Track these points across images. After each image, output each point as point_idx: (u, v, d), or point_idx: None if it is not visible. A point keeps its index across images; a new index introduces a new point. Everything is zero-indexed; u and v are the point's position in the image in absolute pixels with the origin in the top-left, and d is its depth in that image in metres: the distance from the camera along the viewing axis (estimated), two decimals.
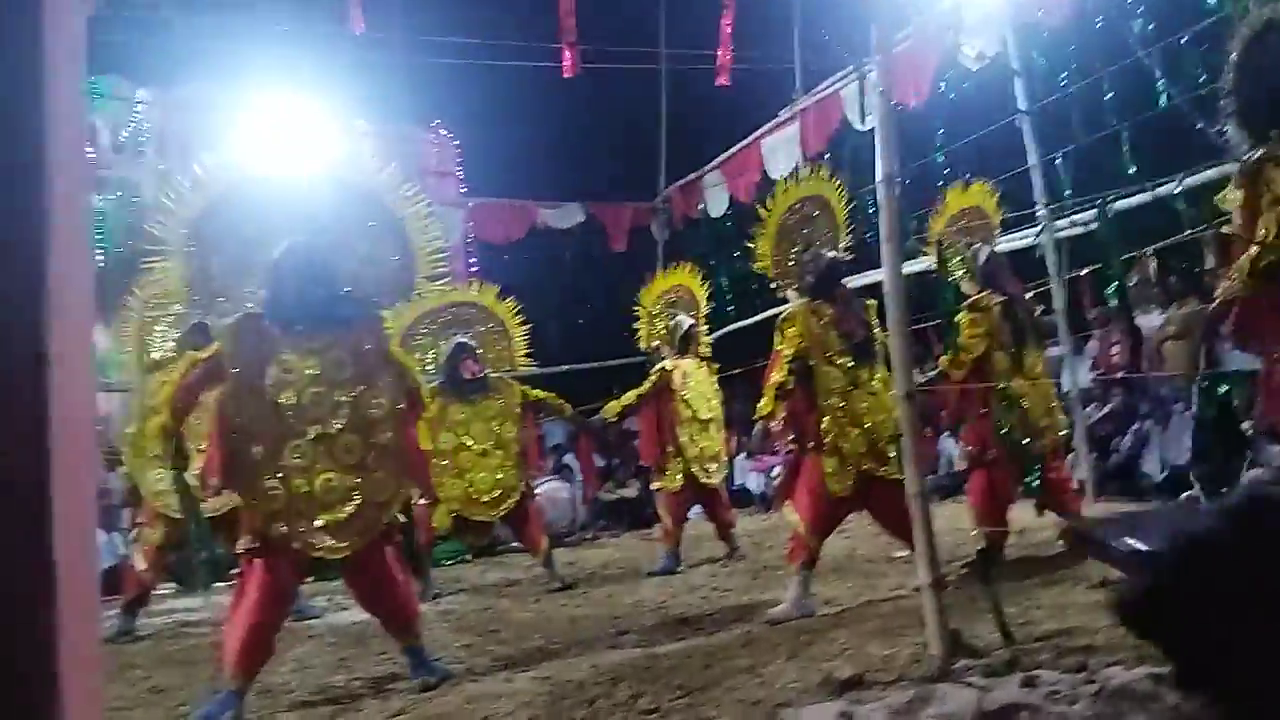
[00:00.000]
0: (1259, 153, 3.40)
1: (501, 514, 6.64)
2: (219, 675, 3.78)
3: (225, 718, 3.53)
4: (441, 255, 4.31)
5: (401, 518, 4.04)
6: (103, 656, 1.17)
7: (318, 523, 3.75)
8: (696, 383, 7.13)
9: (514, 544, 8.44)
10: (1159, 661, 2.82)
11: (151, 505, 5.83)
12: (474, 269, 12.96)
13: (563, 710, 3.24)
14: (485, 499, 6.55)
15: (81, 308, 1.04)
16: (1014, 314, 5.30)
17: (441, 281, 4.35)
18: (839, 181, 5.27)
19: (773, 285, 5.17)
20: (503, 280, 7.54)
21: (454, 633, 5.07)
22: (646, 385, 7.13)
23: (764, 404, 4.79)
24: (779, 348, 4.83)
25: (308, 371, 3.81)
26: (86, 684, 1.01)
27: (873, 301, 5.01)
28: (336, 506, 3.78)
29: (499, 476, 6.56)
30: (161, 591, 6.69)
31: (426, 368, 6.58)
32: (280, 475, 3.74)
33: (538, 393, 6.97)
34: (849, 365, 4.77)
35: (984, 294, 5.31)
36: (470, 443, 6.56)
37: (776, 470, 10.16)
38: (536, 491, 10.08)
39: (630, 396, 7.17)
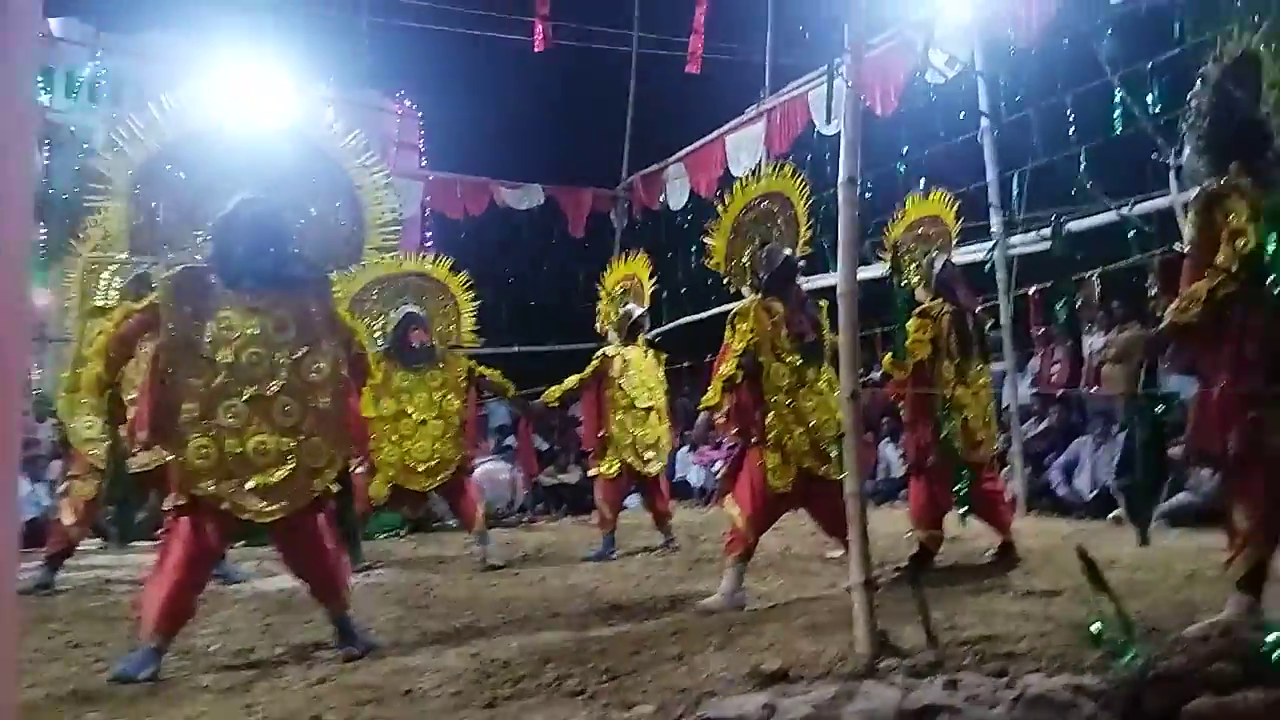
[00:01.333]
0: (1219, 182, 3.47)
1: (437, 485, 6.60)
2: (138, 632, 3.70)
3: (143, 675, 3.45)
4: (394, 227, 4.24)
5: (337, 486, 3.96)
6: (19, 607, 1.13)
7: (249, 485, 3.67)
8: (638, 371, 7.14)
9: (450, 521, 8.40)
10: (1077, 671, 2.89)
11: (83, 457, 5.69)
12: (429, 243, 12.85)
13: (489, 688, 3.22)
14: (422, 468, 6.52)
15: (17, 259, 1.00)
16: (962, 324, 5.37)
17: (391, 255, 4.26)
18: (802, 179, 5.28)
19: (725, 281, 5.19)
20: (458, 257, 7.49)
21: (383, 605, 5.02)
22: (587, 371, 7.14)
23: (710, 395, 4.80)
24: (729, 341, 4.84)
25: (249, 330, 3.72)
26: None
27: (824, 303, 5.05)
28: (269, 469, 3.70)
29: (437, 447, 6.53)
30: (84, 547, 6.54)
31: (374, 334, 6.52)
32: (212, 434, 3.65)
33: (483, 369, 6.95)
34: (797, 363, 4.80)
35: (935, 302, 5.37)
36: (411, 410, 6.53)
37: (718, 465, 10.25)
38: (476, 470, 10.08)
39: (571, 381, 7.17)
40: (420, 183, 13.33)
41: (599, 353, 7.21)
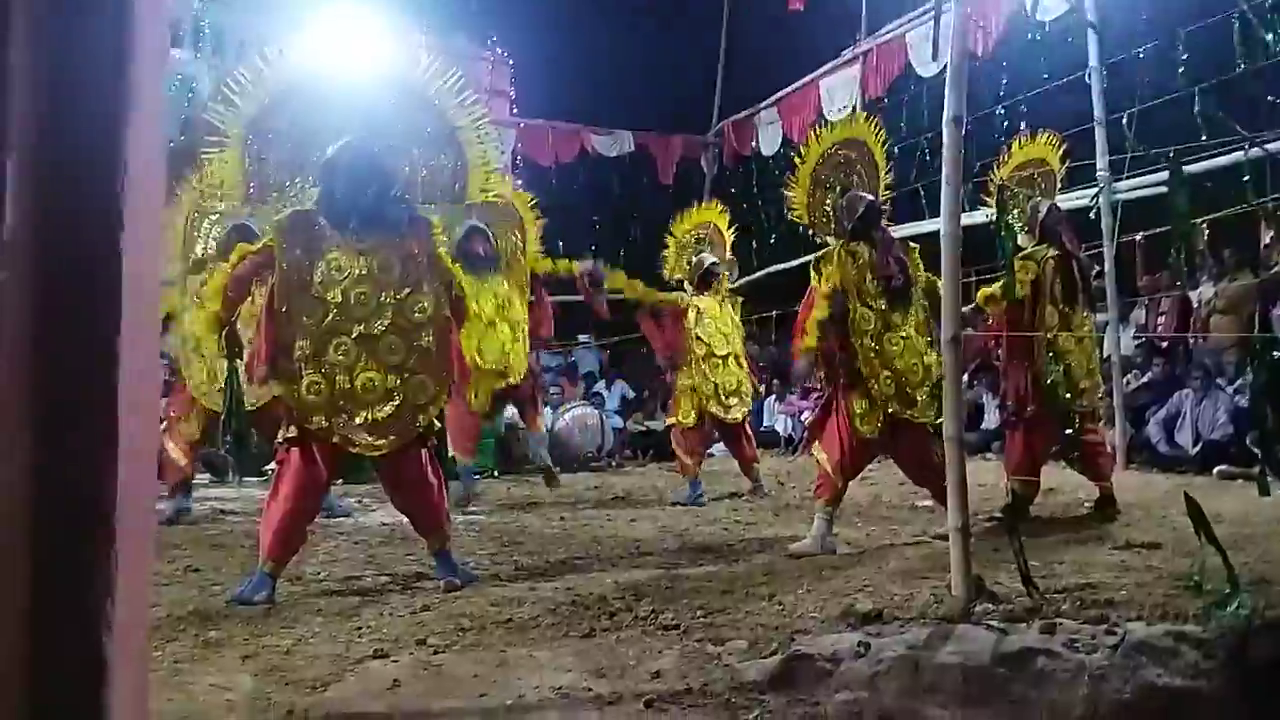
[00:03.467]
0: None
1: (507, 385, 6.63)
2: (254, 559, 3.89)
3: (259, 598, 3.65)
4: (496, 166, 4.33)
5: (438, 423, 4.09)
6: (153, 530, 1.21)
7: (357, 420, 3.82)
8: (713, 319, 7.10)
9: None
10: (1180, 620, 2.85)
11: (184, 397, 5.96)
12: (520, 189, 12.93)
13: (585, 619, 3.31)
14: (491, 368, 6.49)
15: (153, 200, 1.05)
16: (1068, 270, 5.24)
17: (495, 196, 4.35)
18: (877, 123, 5.21)
19: (809, 232, 5.16)
20: (548, 203, 7.48)
21: (479, 542, 5.17)
22: (667, 295, 7.14)
23: (808, 340, 4.78)
24: (815, 286, 4.82)
25: (356, 271, 3.85)
26: (140, 549, 1.05)
27: (915, 245, 4.98)
28: (376, 405, 3.84)
29: (505, 349, 6.52)
30: (197, 480, 6.86)
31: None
32: (323, 371, 3.80)
33: (545, 262, 6.93)
34: (883, 307, 4.76)
35: (1039, 248, 5.26)
36: (476, 311, 6.56)
37: (806, 415, 10.22)
38: (566, 415, 10.21)
39: (644, 289, 7.11)
40: (511, 129, 13.42)
41: (675, 295, 7.23)
